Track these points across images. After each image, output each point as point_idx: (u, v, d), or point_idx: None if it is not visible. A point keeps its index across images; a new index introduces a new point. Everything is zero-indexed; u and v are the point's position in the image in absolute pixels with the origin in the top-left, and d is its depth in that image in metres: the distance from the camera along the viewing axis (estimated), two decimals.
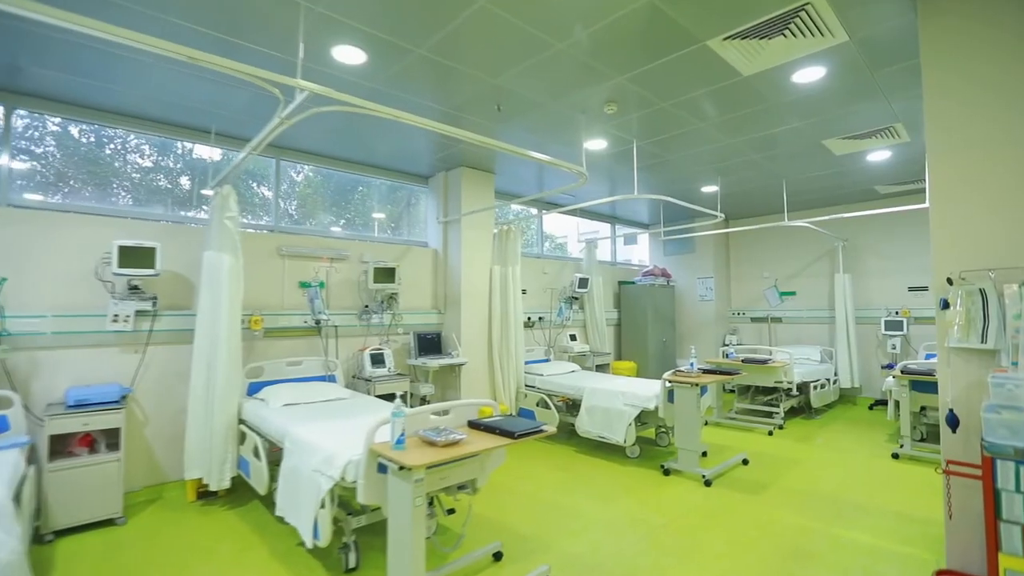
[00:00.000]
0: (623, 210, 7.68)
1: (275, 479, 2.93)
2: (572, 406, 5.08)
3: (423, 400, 4.88)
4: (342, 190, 5.30)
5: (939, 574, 2.26)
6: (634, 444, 4.36)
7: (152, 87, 3.37)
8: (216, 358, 3.43)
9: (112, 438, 3.21)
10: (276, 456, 3.05)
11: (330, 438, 2.67)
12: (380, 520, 2.62)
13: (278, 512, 2.80)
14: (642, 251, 9.05)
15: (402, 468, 2.04)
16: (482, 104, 3.70)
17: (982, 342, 2.12)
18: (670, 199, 4.71)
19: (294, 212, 4.93)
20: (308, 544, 2.48)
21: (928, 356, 5.97)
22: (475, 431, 2.50)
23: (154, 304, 3.62)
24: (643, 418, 4.46)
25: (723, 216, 5.81)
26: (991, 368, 2.12)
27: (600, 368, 6.53)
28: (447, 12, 2.57)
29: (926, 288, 6.45)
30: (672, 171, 5.42)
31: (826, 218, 5.60)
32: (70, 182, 3.73)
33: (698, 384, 3.96)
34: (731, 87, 3.42)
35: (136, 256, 3.39)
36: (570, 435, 5.07)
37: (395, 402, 2.23)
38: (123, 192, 3.96)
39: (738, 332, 8.08)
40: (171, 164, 4.21)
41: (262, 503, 3.48)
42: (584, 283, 6.58)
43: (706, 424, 5.67)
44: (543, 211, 5.64)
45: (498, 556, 2.74)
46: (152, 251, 3.43)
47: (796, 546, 2.87)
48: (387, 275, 4.78)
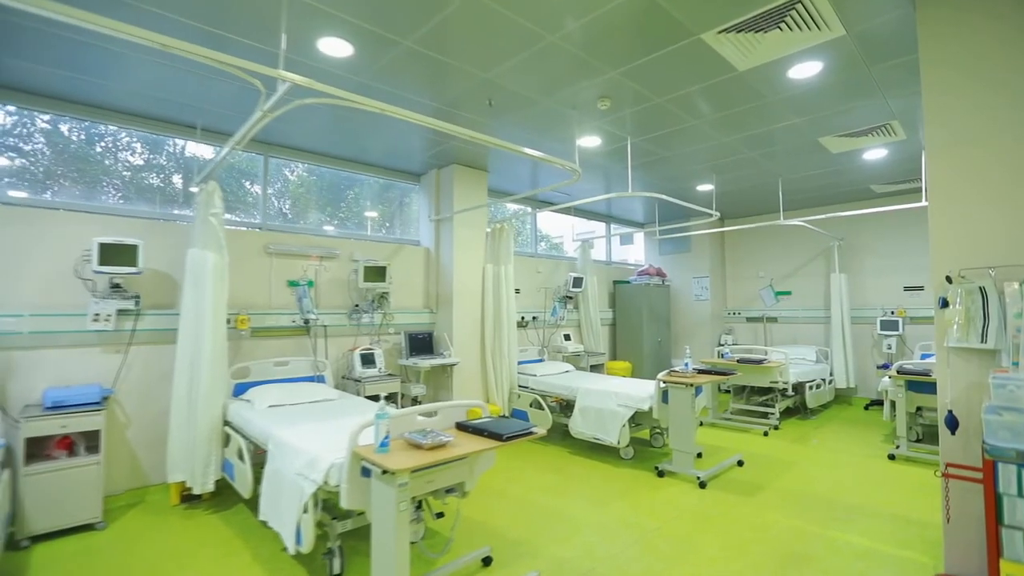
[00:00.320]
0: (618, 209, 7.62)
1: (260, 482, 2.85)
2: (566, 407, 5.02)
3: (414, 401, 4.80)
4: (335, 188, 5.23)
5: None
6: (628, 445, 4.30)
7: (134, 81, 3.29)
8: (200, 358, 3.35)
9: (92, 440, 3.12)
10: (261, 459, 2.97)
11: (314, 440, 2.60)
12: (366, 525, 2.54)
13: (261, 516, 2.73)
14: (638, 251, 9.01)
15: (385, 472, 1.97)
16: (473, 99, 3.63)
17: (982, 342, 2.06)
18: (665, 197, 4.66)
19: (288, 211, 4.85)
20: (290, 550, 2.40)
21: (924, 356, 5.93)
22: (463, 433, 2.43)
23: (137, 303, 3.53)
24: (637, 419, 4.40)
25: (718, 215, 5.76)
26: (991, 368, 2.06)
27: (595, 368, 6.47)
28: (434, 2, 2.50)
29: (922, 288, 6.43)
30: (667, 169, 5.37)
31: (822, 217, 5.56)
32: (50, 178, 3.64)
33: (693, 384, 3.90)
34: (726, 83, 3.36)
35: (117, 254, 3.31)
36: (564, 436, 5.00)
37: (379, 403, 2.16)
38: (105, 189, 3.87)
39: (734, 332, 8.04)
40: (156, 160, 4.12)
41: (247, 507, 3.40)
42: (579, 282, 6.52)
43: (701, 425, 5.62)
44: (536, 209, 5.57)
45: (487, 561, 2.68)
46: (134, 248, 3.35)
47: (791, 550, 2.81)
48: (378, 274, 4.70)
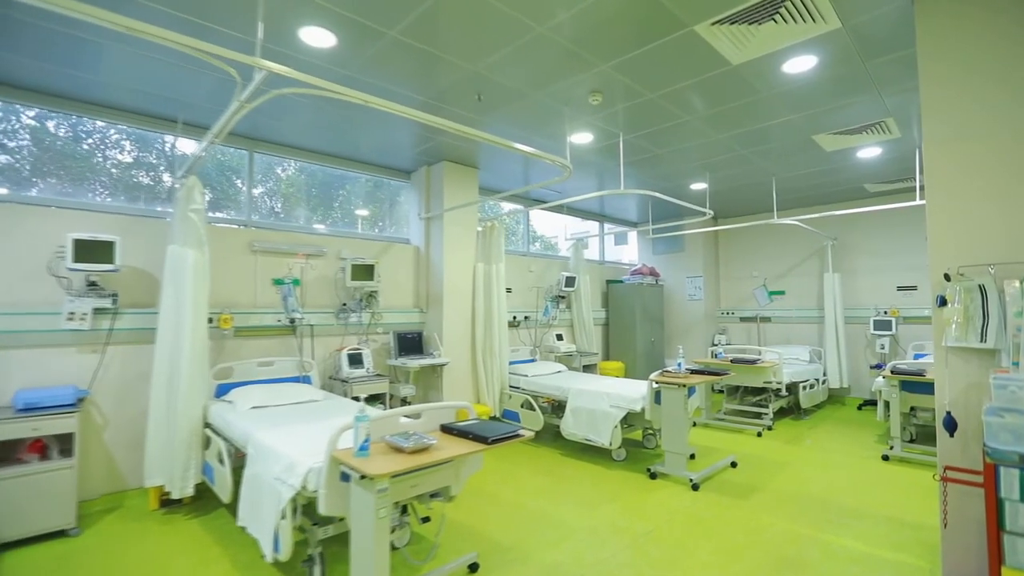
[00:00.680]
0: (611, 208, 7.56)
1: (240, 486, 2.76)
2: (557, 407, 4.94)
3: (403, 401, 4.72)
4: (326, 187, 5.13)
5: None
6: (620, 447, 4.23)
7: (112, 73, 3.18)
8: (179, 358, 3.25)
9: (65, 444, 3.01)
10: (242, 462, 2.87)
11: (294, 443, 2.51)
12: (348, 531, 2.46)
13: (240, 522, 2.63)
14: (633, 251, 8.94)
15: (364, 477, 1.89)
16: (462, 93, 3.55)
17: (981, 341, 2.01)
18: (658, 195, 4.59)
19: (279, 210, 4.75)
20: (268, 558, 2.31)
21: (917, 356, 5.91)
22: (448, 436, 2.35)
23: (114, 301, 3.42)
24: (630, 420, 4.33)
25: (712, 213, 5.71)
26: (991, 368, 2.01)
27: (587, 368, 6.41)
28: None
29: (915, 288, 6.40)
30: (660, 167, 5.31)
31: (816, 216, 5.52)
32: (36, 175, 3.52)
33: (685, 385, 3.84)
34: (720, 77, 3.30)
35: (93, 250, 3.20)
36: (555, 437, 4.93)
37: (359, 406, 2.07)
38: (90, 185, 3.75)
39: (727, 332, 8.00)
40: (145, 158, 4.01)
41: (228, 511, 3.30)
42: (571, 282, 6.45)
43: (694, 425, 5.56)
44: (528, 207, 5.50)
45: (474, 567, 2.59)
46: (110, 245, 3.24)
47: (786, 554, 2.75)
48: (366, 272, 4.60)
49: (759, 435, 5.18)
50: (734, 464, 4.21)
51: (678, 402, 3.87)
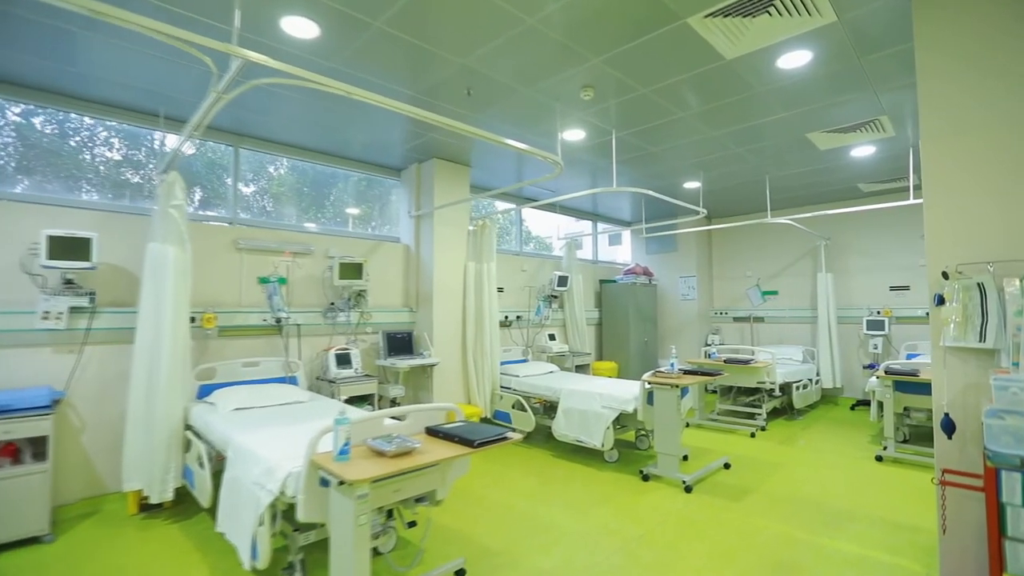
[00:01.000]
0: (605, 207, 7.51)
1: (220, 490, 2.67)
2: (549, 408, 4.87)
3: (393, 402, 4.64)
4: (317, 185, 5.04)
5: None
6: (612, 448, 4.17)
7: (89, 64, 3.08)
8: (159, 358, 3.15)
9: (39, 447, 2.91)
10: (223, 465, 2.79)
11: (274, 447, 2.42)
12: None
13: (218, 528, 2.55)
14: (627, 251, 8.89)
15: (343, 483, 1.81)
16: (451, 88, 3.47)
17: (980, 341, 1.96)
18: (650, 192, 4.53)
19: (271, 209, 4.67)
20: (246, 565, 2.23)
21: (910, 356, 5.89)
22: (432, 439, 2.27)
23: (92, 300, 3.32)
24: (622, 421, 4.27)
25: (705, 212, 5.65)
26: (989, 369, 1.96)
27: (580, 369, 6.34)
28: None
29: (907, 288, 6.39)
30: (653, 165, 5.25)
31: (810, 215, 5.49)
32: (5, 170, 3.42)
33: (678, 385, 3.78)
34: (714, 72, 3.24)
35: (69, 247, 3.10)
36: (547, 438, 4.86)
37: (339, 408, 2.00)
38: (69, 180, 3.64)
39: (720, 332, 7.97)
40: (128, 153, 3.91)
41: (209, 516, 3.20)
42: (564, 281, 6.38)
43: (687, 426, 5.51)
44: (520, 206, 5.43)
45: (460, 574, 2.52)
46: (87, 242, 3.15)
47: (780, 557, 2.69)
48: (354, 271, 4.52)
49: (752, 436, 5.14)
50: (727, 465, 4.16)
51: (671, 403, 3.81)
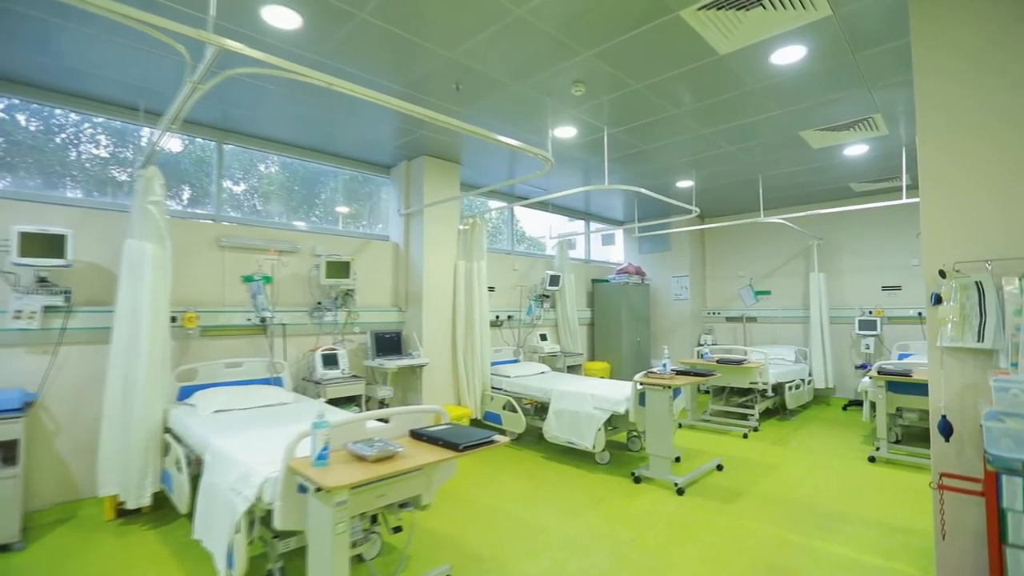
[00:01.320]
0: (597, 206, 7.45)
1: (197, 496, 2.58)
2: (540, 409, 4.81)
3: (381, 404, 4.55)
4: (308, 183, 4.95)
5: None
6: (604, 450, 4.11)
7: (59, 55, 2.97)
8: (137, 359, 3.05)
9: (9, 451, 2.80)
10: (203, 469, 2.70)
11: (253, 451, 2.34)
12: None
13: (195, 535, 2.45)
14: (621, 252, 8.83)
15: (320, 489, 1.73)
16: (439, 82, 3.39)
17: (978, 341, 1.91)
18: (643, 191, 4.47)
19: (261, 208, 4.58)
20: (221, 574, 2.14)
21: (901, 356, 5.88)
22: (417, 442, 2.20)
23: (67, 299, 3.22)
24: (614, 422, 4.21)
25: (698, 211, 5.61)
26: (987, 369, 1.91)
27: (572, 369, 6.28)
28: None
29: (899, 288, 6.38)
30: (646, 164, 5.20)
31: (802, 214, 5.46)
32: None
33: (670, 386, 3.72)
34: (707, 68, 3.19)
35: (42, 244, 2.99)
36: (538, 439, 4.79)
37: (317, 411, 1.92)
38: (45, 176, 3.53)
39: (713, 332, 7.94)
40: (106, 147, 3.80)
41: (189, 522, 3.09)
42: (555, 280, 6.32)
43: (680, 427, 5.46)
44: (511, 204, 5.36)
45: None
46: (61, 239, 3.04)
47: (773, 561, 2.64)
48: (341, 270, 4.43)
49: (745, 436, 5.10)
50: (720, 467, 4.11)
51: (663, 404, 3.75)
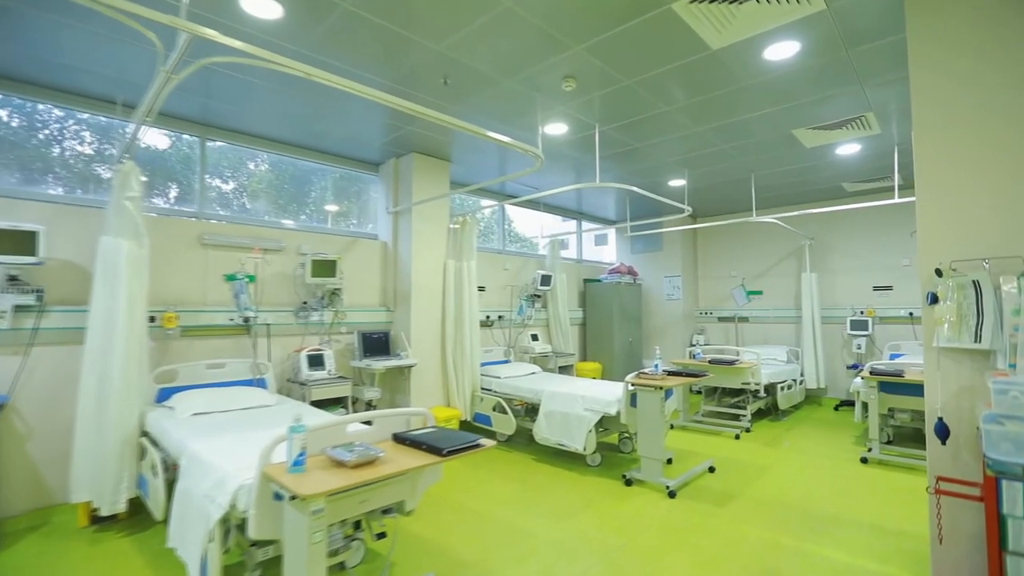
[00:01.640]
0: (589, 206, 7.40)
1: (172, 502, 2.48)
2: (531, 410, 4.74)
3: (368, 405, 4.46)
4: (297, 181, 4.86)
5: None
6: (595, 452, 4.05)
7: (31, 44, 2.86)
8: (112, 360, 2.95)
9: None
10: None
11: (229, 455, 2.25)
12: None
13: (170, 543, 2.36)
14: (613, 251, 8.79)
15: (294, 497, 1.65)
16: (427, 76, 3.32)
17: (975, 341, 1.86)
18: (635, 189, 4.41)
19: (250, 207, 4.49)
20: None
21: (893, 356, 5.87)
22: (399, 446, 2.12)
23: (39, 298, 3.11)
24: (605, 423, 4.15)
25: (690, 210, 5.57)
26: (985, 371, 1.86)
27: (563, 369, 6.22)
28: None
29: (890, 288, 6.38)
30: (638, 162, 5.15)
31: (795, 213, 5.44)
32: None
33: (662, 387, 3.67)
34: (699, 63, 3.13)
35: (12, 241, 2.89)
36: (529, 441, 4.72)
37: (294, 414, 1.83)
38: (25, 172, 3.41)
39: (705, 332, 7.91)
40: (91, 144, 3.69)
41: (166, 528, 2.99)
42: (547, 280, 6.25)
43: (672, 428, 5.42)
44: (502, 202, 5.29)
45: None
46: (32, 235, 2.93)
47: (765, 566, 2.59)
48: (327, 268, 4.33)
49: (737, 437, 5.06)
50: (712, 469, 4.06)
51: (654, 405, 3.70)
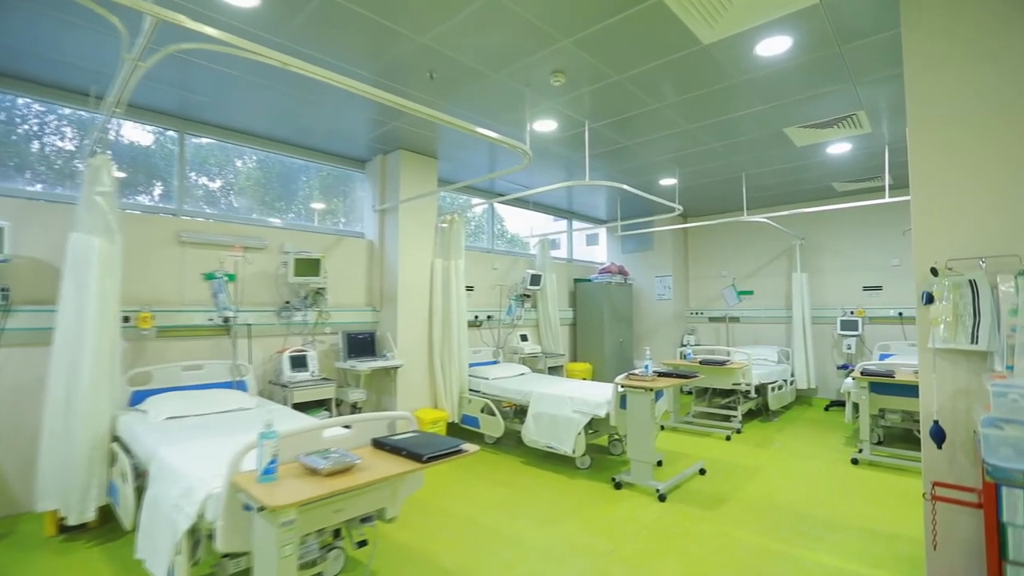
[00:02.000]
0: (580, 205, 7.33)
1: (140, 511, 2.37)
2: (520, 412, 4.66)
3: (353, 407, 4.36)
4: (283, 178, 4.75)
5: None
6: (584, 454, 3.98)
7: (1, 32, 2.75)
8: (81, 362, 2.83)
9: None
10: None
11: (201, 462, 2.15)
12: None
13: (138, 554, 2.25)
14: (604, 251, 8.73)
15: (263, 508, 1.56)
16: (412, 70, 3.23)
17: (972, 343, 1.81)
18: (625, 187, 4.35)
19: (237, 205, 4.38)
20: None
21: (882, 356, 5.86)
22: (379, 452, 2.03)
23: (5, 297, 2.98)
24: (595, 425, 4.08)
25: (681, 209, 5.52)
26: (982, 373, 1.81)
27: (553, 370, 6.15)
28: None
29: (880, 288, 6.38)
30: (628, 160, 5.09)
31: (785, 213, 5.40)
32: None
33: (652, 389, 3.60)
34: (690, 58, 3.07)
35: None
36: (518, 443, 4.64)
37: (265, 420, 1.74)
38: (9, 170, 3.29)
39: (696, 332, 7.88)
40: (72, 140, 3.56)
41: (136, 538, 2.89)
42: (536, 280, 6.18)
43: (663, 429, 5.36)
44: (489, 200, 5.20)
45: None
46: None
47: (757, 572, 2.53)
48: (311, 267, 4.22)
49: (728, 439, 5.02)
50: (703, 471, 4.00)
51: (644, 407, 3.63)
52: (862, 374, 4.33)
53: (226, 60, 3.06)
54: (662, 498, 3.44)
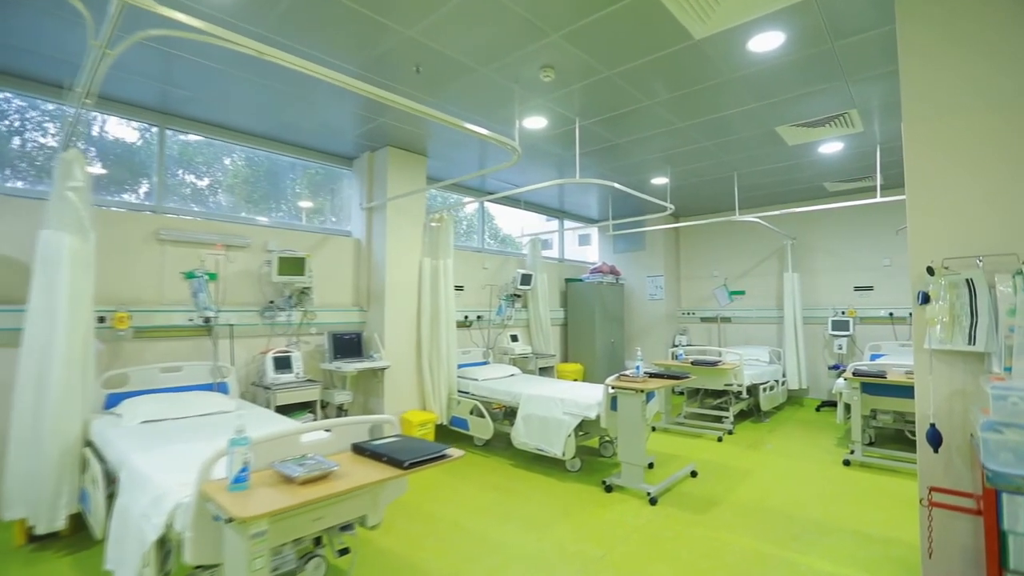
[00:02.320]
0: (571, 204, 7.28)
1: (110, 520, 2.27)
2: (510, 413, 4.58)
3: (339, 409, 4.27)
4: (271, 176, 4.65)
5: None
6: (575, 456, 3.91)
7: None
8: (51, 364, 2.72)
9: None
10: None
11: (172, 469, 2.06)
12: None
13: (107, 565, 2.15)
14: (596, 251, 8.68)
15: (231, 520, 1.47)
16: (397, 63, 3.15)
17: (969, 343, 1.76)
18: (616, 185, 4.29)
19: (225, 203, 4.29)
20: None
21: (873, 357, 5.85)
22: (358, 458, 1.95)
23: None
24: (585, 427, 4.02)
25: (672, 208, 5.47)
26: (979, 374, 1.76)
27: (544, 371, 6.08)
28: None
29: (871, 288, 6.38)
30: (619, 159, 5.03)
31: (777, 212, 5.38)
32: None
33: (643, 391, 3.55)
34: (682, 54, 3.01)
35: None
36: (508, 445, 4.56)
37: (236, 426, 1.65)
38: None
39: (688, 332, 7.85)
40: (54, 135, 3.45)
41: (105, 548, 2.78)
42: (527, 279, 6.11)
43: (654, 430, 5.31)
44: (479, 199, 5.13)
45: None
46: None
47: None
48: (295, 266, 4.13)
49: (719, 440, 4.97)
50: (694, 473, 3.95)
51: (635, 409, 3.57)
52: (854, 374, 4.30)
53: (208, 52, 2.96)
54: (653, 501, 3.38)
